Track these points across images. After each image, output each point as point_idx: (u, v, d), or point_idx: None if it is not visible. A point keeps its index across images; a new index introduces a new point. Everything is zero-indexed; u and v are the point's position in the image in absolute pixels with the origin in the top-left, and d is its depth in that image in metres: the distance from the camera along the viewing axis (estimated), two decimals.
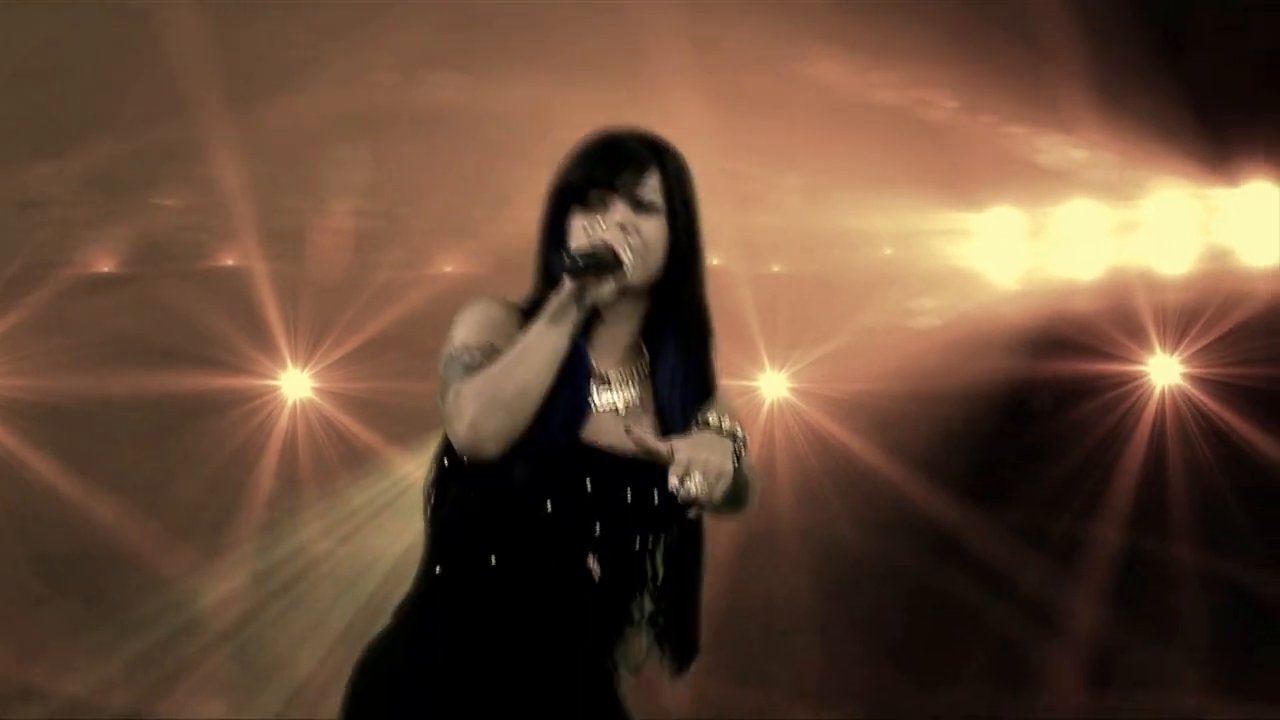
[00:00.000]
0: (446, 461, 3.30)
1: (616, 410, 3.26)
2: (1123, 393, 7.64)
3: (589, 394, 3.24)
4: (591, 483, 3.20)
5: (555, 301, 3.13)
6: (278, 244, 8.06)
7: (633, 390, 3.30)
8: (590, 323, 3.22)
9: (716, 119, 6.44)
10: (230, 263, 8.20)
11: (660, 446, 3.09)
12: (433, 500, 3.37)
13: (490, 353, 3.15)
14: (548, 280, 3.22)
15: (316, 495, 8.51)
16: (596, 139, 3.32)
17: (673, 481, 3.04)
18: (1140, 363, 7.68)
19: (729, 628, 7.14)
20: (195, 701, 8.48)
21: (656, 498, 3.19)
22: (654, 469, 3.12)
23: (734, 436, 3.16)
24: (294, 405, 8.47)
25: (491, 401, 3.08)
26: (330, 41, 7.19)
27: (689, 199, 3.30)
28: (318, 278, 8.16)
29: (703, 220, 3.33)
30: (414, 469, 8.44)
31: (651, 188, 3.26)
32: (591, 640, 3.27)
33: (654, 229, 3.25)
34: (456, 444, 3.15)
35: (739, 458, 3.14)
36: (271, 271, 8.08)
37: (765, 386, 7.99)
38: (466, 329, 3.22)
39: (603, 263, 3.15)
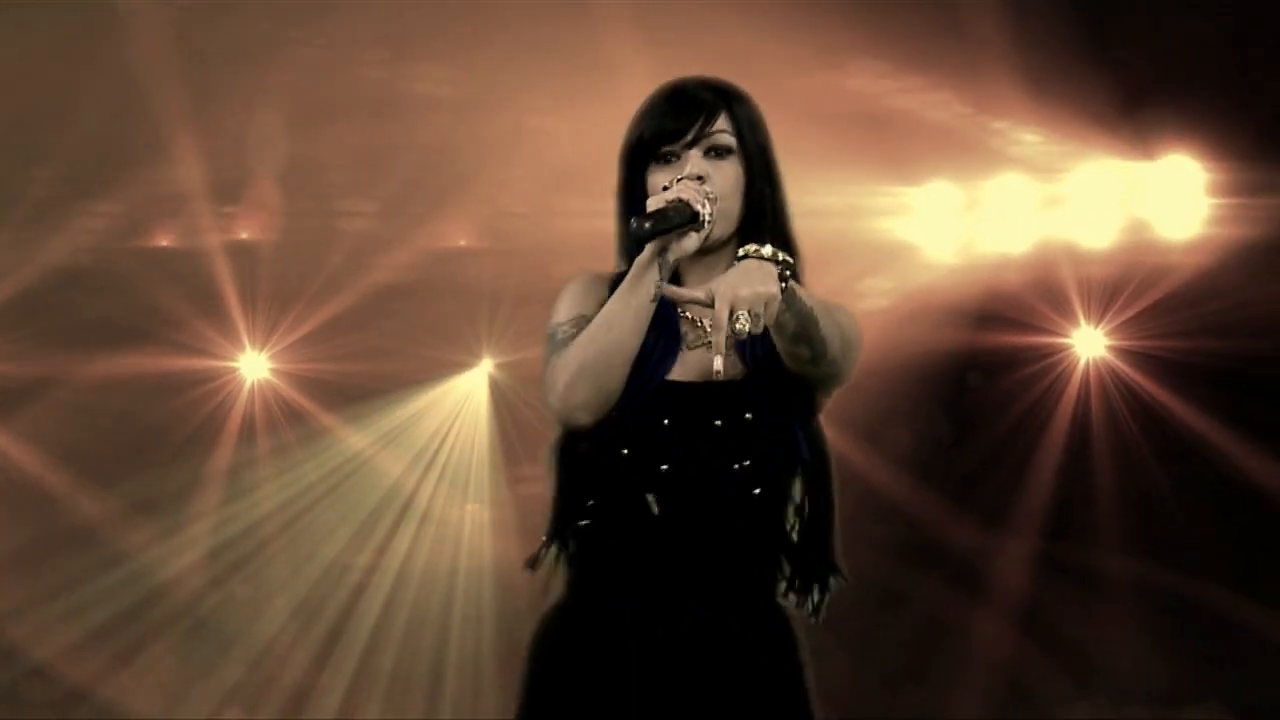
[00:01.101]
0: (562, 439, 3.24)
1: (707, 347, 3.17)
2: (1049, 364, 7.79)
3: (678, 347, 3.21)
4: (670, 419, 3.17)
5: (637, 264, 3.11)
6: (237, 229, 8.25)
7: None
8: (683, 268, 3.19)
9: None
10: (190, 246, 8.33)
11: (697, 293, 3.06)
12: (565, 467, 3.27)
13: (580, 324, 3.15)
14: (628, 245, 3.20)
15: (274, 472, 8.70)
16: (662, 92, 3.26)
17: (722, 318, 2.97)
18: (1065, 335, 7.80)
19: None
20: (156, 670, 8.65)
21: (750, 415, 3.16)
22: (742, 392, 3.17)
23: (777, 260, 3.07)
24: (252, 386, 8.67)
25: (579, 371, 3.09)
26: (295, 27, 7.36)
27: (762, 139, 3.25)
28: (277, 261, 8.36)
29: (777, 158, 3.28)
30: (367, 445, 8.73)
31: (723, 132, 3.21)
32: (718, 579, 3.18)
33: (729, 174, 3.21)
34: (553, 414, 3.15)
35: (787, 281, 3.05)
36: (230, 256, 8.25)
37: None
38: (559, 307, 3.24)
39: (676, 221, 3.10)
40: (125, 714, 8.56)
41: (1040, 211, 7.50)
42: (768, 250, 3.08)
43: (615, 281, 3.21)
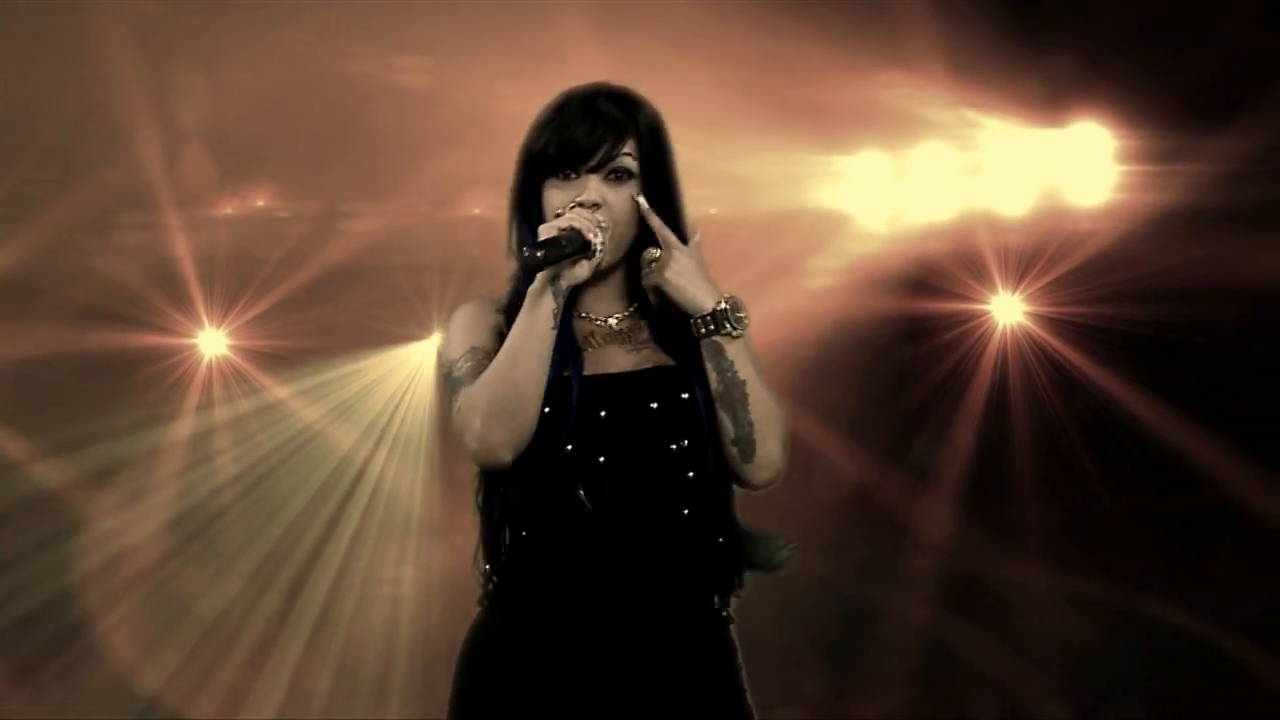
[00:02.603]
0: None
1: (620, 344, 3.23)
2: (968, 330, 7.97)
3: (579, 349, 3.19)
4: (605, 410, 3.13)
5: (530, 296, 3.08)
6: (196, 207, 8.47)
7: (636, 333, 3.25)
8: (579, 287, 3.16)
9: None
10: (150, 224, 8.52)
11: (668, 233, 3.16)
12: (481, 499, 3.25)
13: (475, 356, 3.12)
14: (519, 271, 3.20)
15: (229, 443, 8.94)
16: (572, 102, 3.21)
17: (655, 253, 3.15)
18: (984, 302, 7.96)
19: None
20: (111, 639, 8.82)
21: (685, 396, 3.14)
22: (675, 375, 3.16)
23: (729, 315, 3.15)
24: (210, 362, 8.90)
25: (491, 410, 3.04)
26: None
27: (663, 161, 3.21)
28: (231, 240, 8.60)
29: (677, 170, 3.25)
30: (319, 418, 8.97)
31: (627, 156, 3.17)
32: (655, 581, 3.12)
33: (625, 200, 3.17)
34: (471, 457, 3.11)
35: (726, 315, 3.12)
36: (189, 234, 8.48)
37: None
38: (449, 344, 3.21)
39: (568, 250, 3.08)
40: (83, 679, 8.77)
41: (961, 180, 7.65)
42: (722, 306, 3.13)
43: (506, 306, 3.21)
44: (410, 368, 8.97)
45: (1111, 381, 7.82)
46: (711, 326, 3.13)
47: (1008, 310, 8.02)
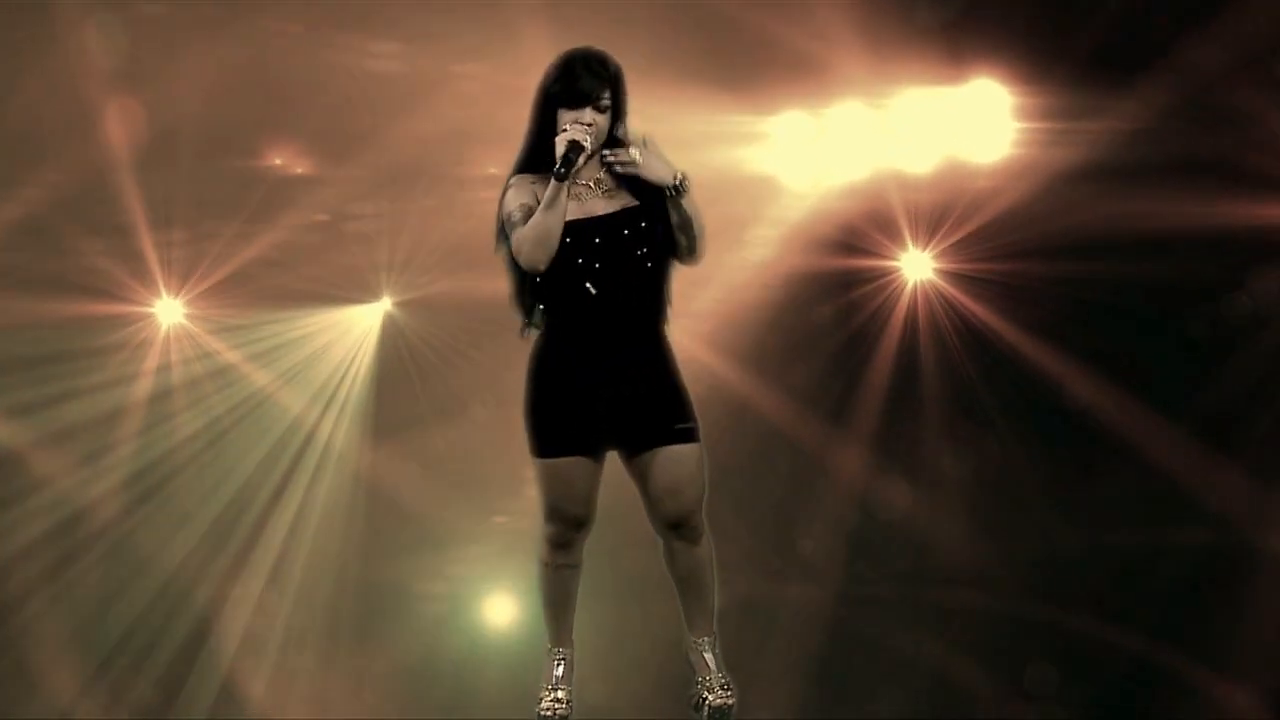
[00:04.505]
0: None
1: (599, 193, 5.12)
2: (879, 286, 8.28)
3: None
4: (599, 238, 5.03)
5: (553, 184, 4.92)
6: (158, 185, 8.80)
7: (606, 187, 5.11)
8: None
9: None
10: (110, 201, 8.83)
11: (632, 150, 5.03)
12: (523, 285, 5.11)
13: (525, 210, 4.99)
14: (537, 148, 5.06)
15: (185, 404, 9.30)
16: (575, 58, 5.09)
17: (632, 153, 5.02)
18: (894, 259, 8.26)
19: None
20: (72, 592, 9.21)
21: (643, 221, 5.05)
22: (638, 211, 5.07)
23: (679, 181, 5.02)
24: (167, 330, 9.22)
25: (535, 243, 4.95)
26: None
27: (624, 97, 5.11)
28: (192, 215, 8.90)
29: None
30: (270, 382, 9.37)
31: (606, 95, 5.06)
32: (629, 319, 5.07)
33: (604, 120, 5.07)
34: (524, 267, 4.99)
35: (684, 186, 4.98)
36: (149, 209, 8.83)
37: None
38: (509, 200, 5.06)
39: (574, 154, 4.94)
40: (44, 632, 9.12)
41: (873, 139, 7.93)
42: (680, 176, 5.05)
43: (537, 180, 5.04)
44: (360, 332, 9.34)
45: (1016, 335, 8.11)
46: (672, 192, 5.07)
47: (918, 267, 8.30)
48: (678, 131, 7.63)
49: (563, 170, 4.94)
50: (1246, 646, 7.99)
